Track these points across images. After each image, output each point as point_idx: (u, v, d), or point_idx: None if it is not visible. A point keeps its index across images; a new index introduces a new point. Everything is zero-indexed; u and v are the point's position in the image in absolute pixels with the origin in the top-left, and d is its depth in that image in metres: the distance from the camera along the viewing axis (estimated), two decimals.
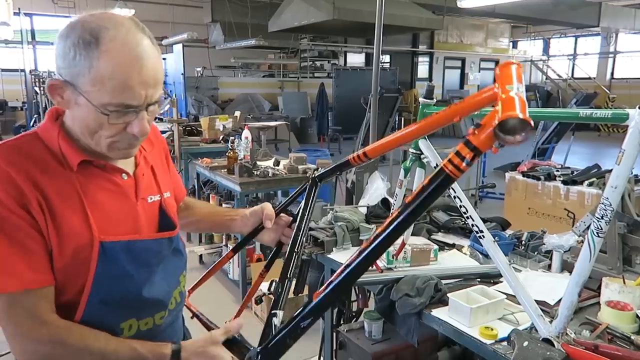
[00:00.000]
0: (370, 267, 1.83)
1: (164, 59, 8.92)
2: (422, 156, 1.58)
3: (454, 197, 1.43)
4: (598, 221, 1.08)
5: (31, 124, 9.27)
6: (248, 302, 1.48)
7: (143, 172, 1.04)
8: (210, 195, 4.35)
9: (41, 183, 0.87)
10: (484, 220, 2.21)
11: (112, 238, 0.93)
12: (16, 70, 10.72)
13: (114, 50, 0.85)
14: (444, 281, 1.70)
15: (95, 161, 0.95)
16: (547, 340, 1.22)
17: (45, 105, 8.71)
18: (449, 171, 0.73)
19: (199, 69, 12.58)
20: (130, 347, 0.92)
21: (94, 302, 0.92)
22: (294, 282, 1.19)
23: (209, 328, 1.16)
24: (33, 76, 9.47)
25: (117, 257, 0.93)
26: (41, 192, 0.87)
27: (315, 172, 1.31)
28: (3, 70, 11.28)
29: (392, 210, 1.77)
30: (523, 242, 2.04)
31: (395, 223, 0.79)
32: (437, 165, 1.48)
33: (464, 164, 0.71)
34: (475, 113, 0.83)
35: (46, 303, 0.89)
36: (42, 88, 8.72)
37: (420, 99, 1.56)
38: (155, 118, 1.02)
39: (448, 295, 1.57)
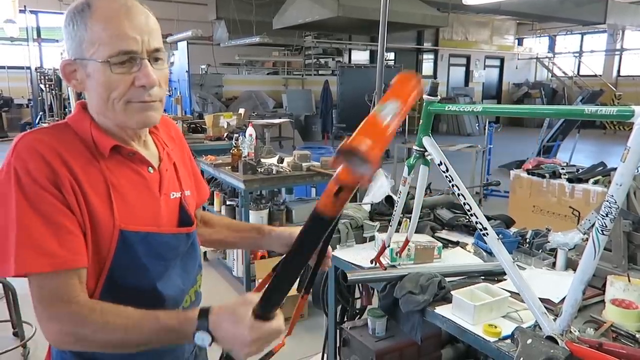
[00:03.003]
0: (374, 265, 1.84)
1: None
2: (425, 153, 1.57)
3: (458, 194, 1.43)
4: (603, 219, 1.08)
5: (37, 121, 9.30)
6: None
7: (166, 167, 1.06)
8: (215, 192, 4.36)
9: (73, 167, 0.89)
10: (488, 218, 2.20)
11: (133, 228, 0.93)
12: (22, 68, 10.78)
13: (102, 6, 0.90)
14: (447, 279, 1.70)
15: (125, 149, 0.96)
16: (550, 338, 1.21)
17: (51, 103, 8.74)
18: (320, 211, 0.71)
19: (203, 67, 12.59)
20: (153, 316, 0.88)
21: (107, 291, 0.93)
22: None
23: None
24: (39, 73, 9.50)
25: (134, 247, 0.93)
26: (73, 176, 0.88)
27: None
28: (9, 67, 11.33)
29: (395, 208, 1.77)
30: (527, 240, 2.03)
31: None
32: (441, 162, 1.48)
33: (333, 199, 0.69)
34: None
35: (77, 283, 0.88)
36: (47, 85, 8.75)
37: (425, 96, 1.55)
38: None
39: (452, 292, 1.56)
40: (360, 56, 15.78)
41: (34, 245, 0.84)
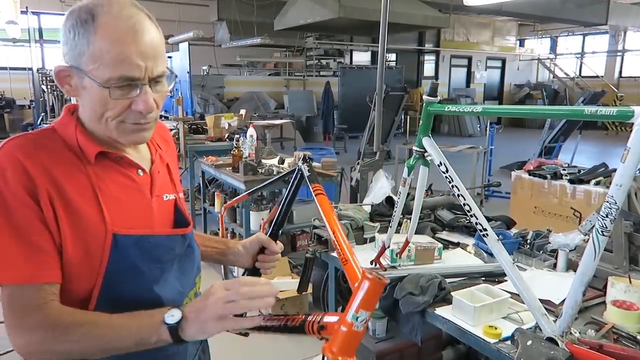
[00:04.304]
0: (374, 265, 1.84)
1: (169, 57, 8.94)
2: (425, 154, 1.57)
3: (458, 195, 1.43)
4: (603, 219, 1.07)
5: (38, 122, 9.32)
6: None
7: (159, 169, 1.04)
8: (216, 193, 4.36)
9: (56, 176, 0.87)
10: (489, 219, 2.20)
11: (125, 231, 0.92)
12: (24, 69, 10.79)
13: (109, 23, 0.86)
14: (448, 280, 1.70)
15: (112, 154, 0.95)
16: (551, 340, 1.21)
17: (53, 104, 8.76)
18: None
19: (204, 68, 12.59)
20: (122, 315, 0.88)
21: (104, 297, 0.92)
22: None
23: None
24: (40, 74, 9.52)
25: (128, 251, 0.92)
26: (55, 185, 0.87)
27: None
28: (11, 68, 11.34)
29: (395, 209, 1.77)
30: (528, 241, 2.03)
31: None
32: (440, 163, 1.48)
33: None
34: None
35: (48, 295, 0.87)
36: (49, 86, 8.76)
37: (424, 97, 1.54)
38: (161, 116, 1.02)
39: (452, 293, 1.56)
40: (361, 57, 15.78)
41: (1, 257, 0.84)
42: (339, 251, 1.01)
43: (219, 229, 4.61)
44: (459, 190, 1.42)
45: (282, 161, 3.98)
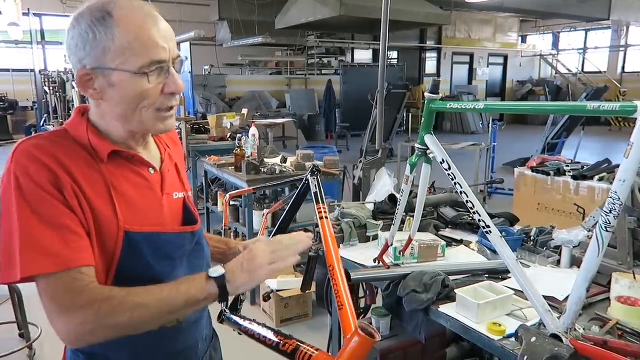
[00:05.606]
0: (377, 263, 1.84)
1: None
2: (428, 151, 1.57)
3: (461, 192, 1.42)
4: (606, 215, 1.07)
5: (41, 123, 9.35)
6: None
7: (168, 168, 1.07)
8: (218, 192, 4.37)
9: (73, 171, 0.89)
10: (492, 216, 2.19)
11: (137, 229, 0.94)
12: (26, 71, 10.83)
13: (127, 15, 0.89)
14: (451, 277, 1.70)
15: (124, 152, 0.97)
16: (555, 336, 1.20)
17: (55, 105, 8.78)
18: None
19: (206, 67, 12.61)
20: (172, 282, 0.91)
21: None
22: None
23: None
24: (43, 76, 9.54)
25: (140, 248, 0.94)
26: (74, 179, 0.88)
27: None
28: (13, 70, 11.38)
29: (398, 207, 1.76)
30: (532, 238, 2.03)
31: None
32: (443, 160, 1.48)
33: None
34: None
35: (86, 277, 0.86)
36: (51, 88, 8.78)
37: (426, 94, 1.54)
38: None
39: (456, 291, 1.56)
40: (363, 55, 15.77)
41: (37, 247, 0.84)
42: (335, 292, 1.01)
43: (222, 229, 4.63)
44: (461, 188, 1.42)
45: (284, 160, 3.98)
